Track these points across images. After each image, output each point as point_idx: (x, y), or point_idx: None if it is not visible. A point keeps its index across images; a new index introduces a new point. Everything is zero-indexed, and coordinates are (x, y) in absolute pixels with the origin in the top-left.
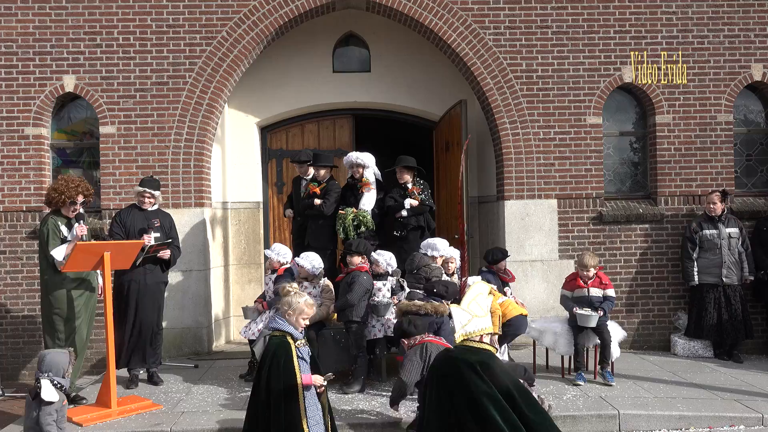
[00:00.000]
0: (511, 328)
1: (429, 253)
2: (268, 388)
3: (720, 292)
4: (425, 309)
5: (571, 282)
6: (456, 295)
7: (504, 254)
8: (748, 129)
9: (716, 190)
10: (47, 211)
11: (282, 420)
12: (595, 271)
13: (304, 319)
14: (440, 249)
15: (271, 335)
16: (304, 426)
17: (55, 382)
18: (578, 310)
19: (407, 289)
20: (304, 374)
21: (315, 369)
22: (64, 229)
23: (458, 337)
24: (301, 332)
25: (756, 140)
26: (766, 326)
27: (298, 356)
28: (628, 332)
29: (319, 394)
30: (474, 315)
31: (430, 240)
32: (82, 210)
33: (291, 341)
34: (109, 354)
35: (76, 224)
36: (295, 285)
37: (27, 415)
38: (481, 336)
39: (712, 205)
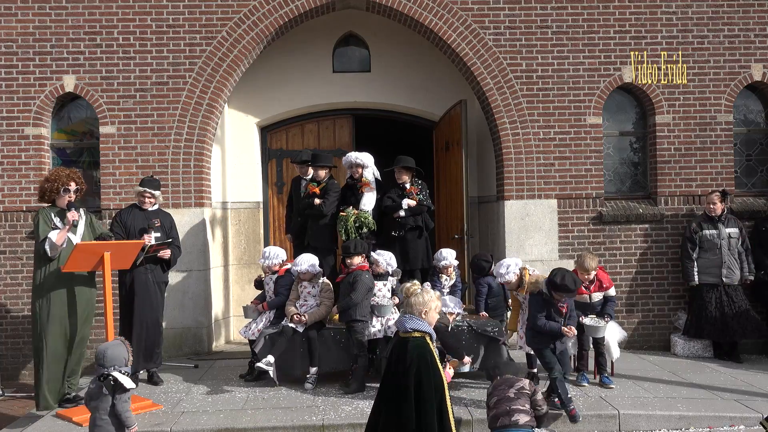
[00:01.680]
0: None
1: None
2: (419, 390)
3: (720, 292)
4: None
5: None
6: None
7: (489, 261)
8: (748, 129)
9: (716, 190)
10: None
11: (434, 421)
12: (595, 274)
13: (437, 313)
14: (446, 260)
15: (411, 336)
16: (452, 424)
17: (123, 371)
18: (586, 321)
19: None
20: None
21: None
22: (56, 220)
23: None
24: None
25: (756, 140)
26: (767, 326)
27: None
28: (628, 332)
29: None
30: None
31: (442, 252)
32: (75, 199)
33: (429, 341)
34: None
35: (70, 210)
36: (416, 282)
37: (96, 411)
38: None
39: (712, 206)
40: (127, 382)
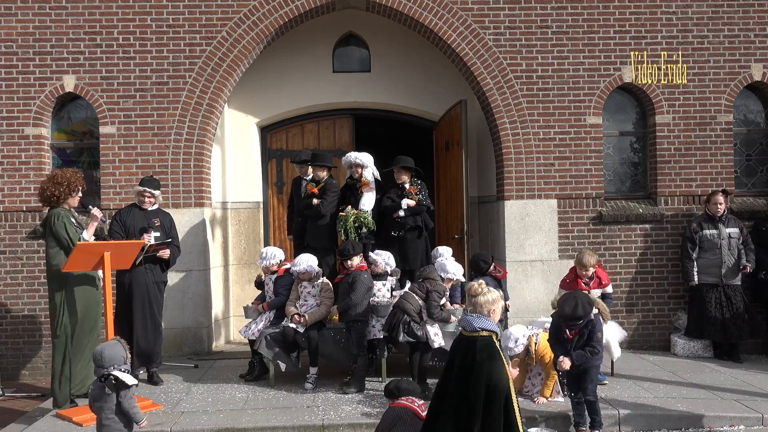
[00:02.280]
0: None
1: (442, 275)
2: (489, 388)
3: (720, 292)
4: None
5: (571, 284)
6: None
7: (488, 261)
8: (748, 129)
9: (717, 190)
10: (46, 210)
11: (501, 419)
12: (593, 271)
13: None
14: (452, 273)
15: (479, 336)
16: (519, 422)
17: (123, 369)
18: None
19: (406, 290)
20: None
21: None
22: (72, 220)
23: None
24: None
25: (756, 140)
26: (767, 326)
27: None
28: (628, 332)
29: None
30: None
31: (447, 264)
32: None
33: (496, 339)
34: None
35: (89, 208)
36: (482, 281)
37: (101, 411)
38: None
39: (718, 205)
40: (129, 379)
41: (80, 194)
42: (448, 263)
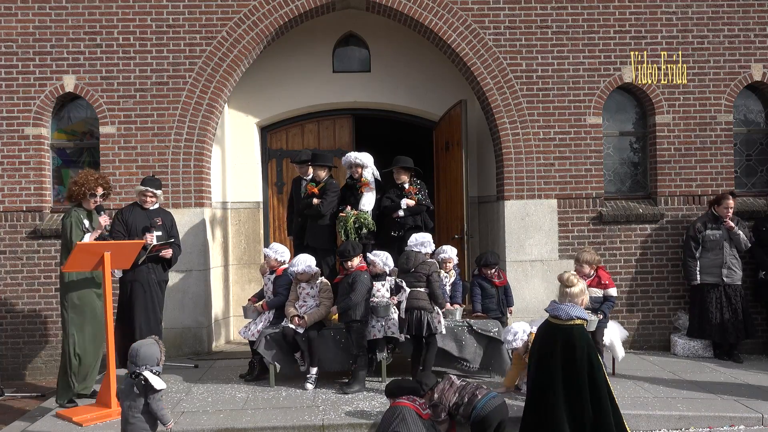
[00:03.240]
0: None
1: (422, 251)
2: (592, 375)
3: (721, 292)
4: None
5: None
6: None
7: (497, 260)
8: (748, 129)
9: (727, 193)
10: (67, 206)
11: (610, 408)
12: (590, 269)
13: None
14: (430, 244)
15: (574, 324)
16: (617, 402)
17: (154, 371)
18: None
19: (407, 289)
20: None
21: None
22: (86, 221)
23: None
24: None
25: (756, 140)
26: (766, 326)
27: None
28: (629, 332)
29: None
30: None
31: (417, 236)
32: (101, 203)
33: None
34: (109, 354)
35: (100, 215)
36: (574, 273)
37: (129, 409)
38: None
39: (729, 209)
40: (158, 383)
41: (98, 198)
42: (444, 247)
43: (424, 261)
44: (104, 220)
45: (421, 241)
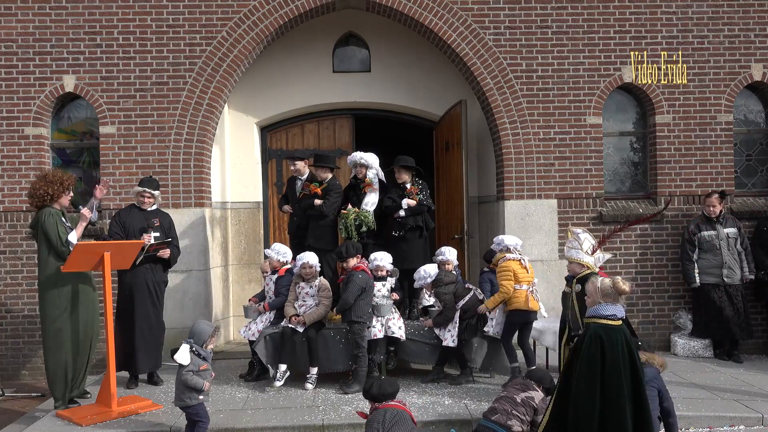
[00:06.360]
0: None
1: (441, 259)
2: (634, 373)
3: (722, 292)
4: None
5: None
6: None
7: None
8: (748, 129)
9: (715, 191)
10: (35, 211)
11: (648, 407)
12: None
13: None
14: (445, 255)
15: (612, 325)
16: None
17: (194, 348)
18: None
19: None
20: None
21: None
22: (63, 219)
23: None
24: None
25: (756, 140)
26: (766, 326)
27: None
28: None
29: None
30: None
31: (416, 273)
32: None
33: None
34: (109, 354)
35: (78, 208)
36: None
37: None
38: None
39: (711, 207)
40: (182, 359)
41: (71, 194)
42: (443, 249)
43: (437, 279)
44: (87, 211)
45: (422, 275)
